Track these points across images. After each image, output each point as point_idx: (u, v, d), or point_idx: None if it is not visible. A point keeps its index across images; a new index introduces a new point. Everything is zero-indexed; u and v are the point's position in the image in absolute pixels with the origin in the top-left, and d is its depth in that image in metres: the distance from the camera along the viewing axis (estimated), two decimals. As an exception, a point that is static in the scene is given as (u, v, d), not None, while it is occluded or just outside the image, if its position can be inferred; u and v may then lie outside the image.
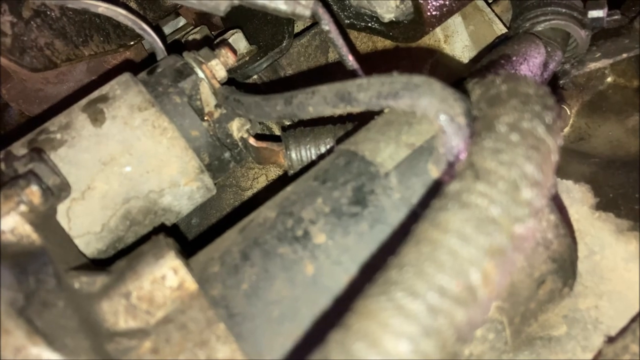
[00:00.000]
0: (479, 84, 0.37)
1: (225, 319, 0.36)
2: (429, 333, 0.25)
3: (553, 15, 0.63)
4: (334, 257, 0.37)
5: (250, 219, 0.42)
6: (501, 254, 0.27)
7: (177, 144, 0.52)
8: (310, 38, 0.74)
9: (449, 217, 0.27)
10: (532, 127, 0.31)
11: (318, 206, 0.39)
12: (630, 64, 0.64)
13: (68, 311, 0.36)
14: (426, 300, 0.25)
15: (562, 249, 0.40)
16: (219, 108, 0.56)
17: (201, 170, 0.54)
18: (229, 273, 0.38)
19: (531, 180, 0.29)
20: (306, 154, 0.58)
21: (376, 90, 0.39)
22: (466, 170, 0.30)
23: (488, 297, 0.26)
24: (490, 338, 0.39)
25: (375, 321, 0.25)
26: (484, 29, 0.76)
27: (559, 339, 0.49)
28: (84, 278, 0.39)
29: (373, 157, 0.40)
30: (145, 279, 0.38)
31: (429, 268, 0.26)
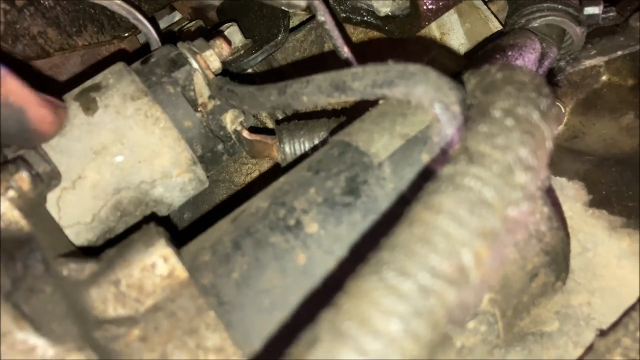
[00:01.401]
0: (474, 74, 0.37)
1: (215, 307, 0.36)
2: (420, 313, 0.24)
3: (549, 12, 0.63)
4: (326, 247, 0.37)
5: (242, 209, 0.42)
6: (494, 236, 0.26)
7: (170, 134, 0.52)
8: (305, 33, 0.74)
9: (442, 199, 0.27)
10: (527, 113, 0.31)
11: (311, 196, 0.39)
12: (625, 62, 0.64)
13: (56, 297, 0.35)
14: (417, 281, 0.25)
15: (555, 241, 0.40)
16: (212, 99, 0.56)
17: (194, 162, 0.53)
18: (220, 262, 0.38)
19: (525, 164, 0.28)
20: (300, 147, 0.58)
21: (371, 79, 0.39)
22: (460, 154, 0.30)
23: (480, 279, 0.26)
24: (482, 330, 0.39)
25: (366, 300, 0.25)
26: (480, 27, 0.76)
27: (550, 334, 0.49)
28: (72, 265, 0.38)
29: (367, 148, 0.40)
30: (135, 267, 0.37)
31: (421, 249, 0.26)
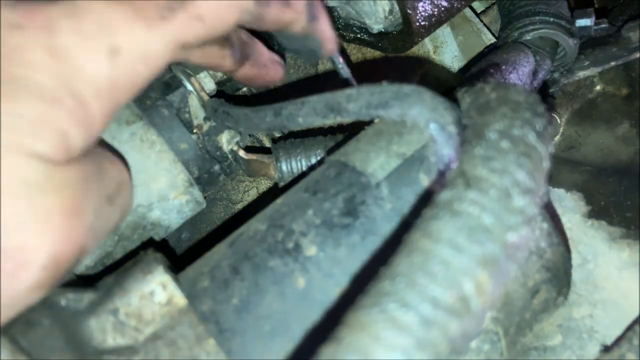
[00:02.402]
0: (468, 93, 0.37)
1: (215, 334, 0.36)
2: (423, 345, 0.24)
3: (541, 25, 0.63)
4: (325, 270, 0.37)
5: (240, 232, 0.42)
6: (494, 263, 0.26)
7: (166, 157, 0.51)
8: (299, 50, 0.74)
9: (441, 226, 0.27)
10: (522, 134, 0.30)
11: (309, 218, 0.39)
12: (619, 72, 0.64)
13: (54, 330, 0.35)
14: (419, 312, 0.25)
15: (556, 257, 0.40)
16: (208, 121, 0.56)
17: (190, 184, 0.53)
18: (219, 288, 0.37)
19: (523, 187, 0.28)
20: (297, 166, 0.58)
21: (366, 101, 0.39)
22: (457, 178, 0.29)
23: (482, 308, 0.25)
24: (486, 349, 0.38)
25: (367, 334, 0.24)
26: (473, 39, 0.76)
27: (554, 348, 0.49)
28: (70, 295, 0.38)
29: (364, 168, 0.40)
30: (134, 295, 0.37)
31: (421, 279, 0.25)
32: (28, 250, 0.29)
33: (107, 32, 0.31)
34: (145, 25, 0.32)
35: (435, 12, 0.60)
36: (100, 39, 0.31)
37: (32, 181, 0.29)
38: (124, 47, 0.32)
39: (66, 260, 0.32)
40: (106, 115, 0.32)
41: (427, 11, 0.59)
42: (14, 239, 0.29)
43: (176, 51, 0.34)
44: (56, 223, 0.30)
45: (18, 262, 0.29)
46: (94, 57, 0.31)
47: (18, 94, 0.29)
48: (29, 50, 0.29)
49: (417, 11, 0.58)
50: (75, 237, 0.32)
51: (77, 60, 0.30)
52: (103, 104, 0.32)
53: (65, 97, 0.30)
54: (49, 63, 0.30)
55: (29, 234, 0.29)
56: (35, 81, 0.29)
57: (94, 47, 0.31)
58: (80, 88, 0.30)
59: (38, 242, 0.30)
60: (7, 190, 0.29)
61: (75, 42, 0.30)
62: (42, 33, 0.30)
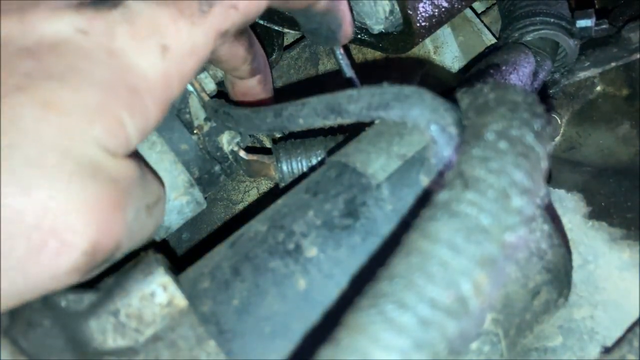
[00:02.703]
0: (467, 93, 0.37)
1: (215, 335, 0.36)
2: (421, 346, 0.24)
3: (542, 25, 0.63)
4: (325, 271, 0.37)
5: (240, 233, 0.42)
6: (492, 264, 0.26)
7: (166, 158, 0.51)
8: (300, 50, 0.74)
9: (439, 227, 0.27)
10: (520, 135, 0.30)
11: (309, 219, 0.39)
12: (619, 73, 0.64)
13: (54, 330, 0.35)
14: (417, 313, 0.25)
15: (557, 259, 0.40)
16: (208, 121, 0.56)
17: (191, 184, 0.53)
18: (220, 289, 0.38)
19: (521, 188, 0.28)
20: (297, 166, 0.58)
21: (366, 102, 0.39)
22: (455, 179, 0.29)
23: (480, 308, 0.26)
24: (486, 351, 0.38)
25: (365, 335, 0.25)
26: (474, 40, 0.76)
27: (554, 349, 0.49)
28: (71, 296, 0.38)
29: (364, 169, 0.40)
30: (134, 296, 0.37)
31: (419, 279, 0.25)
32: (74, 233, 0.31)
33: (157, 32, 0.35)
34: (189, 22, 0.36)
35: (436, 13, 0.60)
36: (151, 40, 0.34)
37: (88, 166, 0.31)
38: (173, 44, 0.35)
39: (103, 251, 0.33)
40: (159, 107, 0.36)
41: (428, 12, 0.59)
42: (63, 219, 0.30)
43: (217, 40, 0.38)
44: (103, 212, 0.32)
45: (63, 242, 0.31)
46: (147, 55, 0.34)
47: (80, 84, 0.32)
48: (91, 50, 0.33)
49: (418, 12, 0.58)
50: (115, 231, 0.33)
51: (132, 59, 0.34)
52: (156, 96, 0.35)
53: (122, 88, 0.33)
54: (108, 61, 0.33)
55: (78, 218, 0.31)
56: (95, 74, 0.32)
57: (146, 47, 0.34)
58: (135, 82, 0.34)
59: (84, 227, 0.31)
60: (64, 171, 0.30)
61: (131, 44, 0.34)
62: (103, 38, 0.33)
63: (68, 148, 0.31)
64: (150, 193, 0.40)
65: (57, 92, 0.31)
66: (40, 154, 0.30)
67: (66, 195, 0.30)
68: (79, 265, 0.32)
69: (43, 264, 0.31)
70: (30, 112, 0.30)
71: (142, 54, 0.34)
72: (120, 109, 0.33)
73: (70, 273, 0.32)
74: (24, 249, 0.30)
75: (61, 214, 0.30)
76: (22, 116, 0.30)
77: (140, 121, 0.34)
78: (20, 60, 0.31)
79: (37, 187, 0.30)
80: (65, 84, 0.31)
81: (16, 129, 0.30)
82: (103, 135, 0.32)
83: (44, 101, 0.30)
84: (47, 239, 0.30)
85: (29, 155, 0.30)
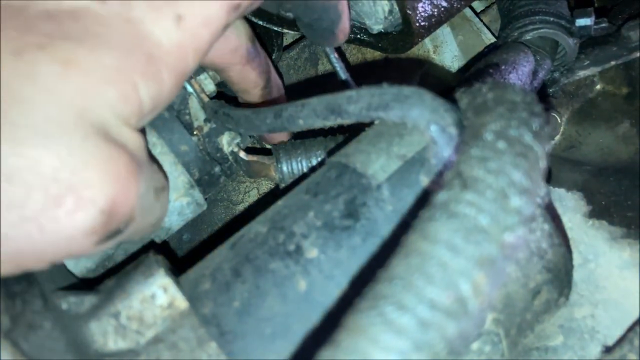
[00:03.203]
0: (466, 93, 0.37)
1: (216, 337, 0.36)
2: (420, 347, 0.24)
3: (541, 24, 0.63)
4: (326, 272, 0.37)
5: (241, 234, 0.42)
6: (491, 264, 0.26)
7: (166, 159, 0.51)
8: (299, 51, 0.74)
9: (438, 227, 0.27)
10: (519, 135, 0.30)
11: (310, 220, 0.39)
12: (619, 71, 0.64)
13: (55, 332, 0.35)
14: (416, 314, 0.25)
15: (557, 258, 0.40)
16: (208, 122, 0.56)
17: (191, 185, 0.53)
18: (220, 290, 0.38)
19: (519, 187, 0.28)
20: (297, 167, 0.58)
21: (366, 102, 0.39)
22: (454, 179, 0.29)
23: (479, 308, 0.26)
24: (487, 351, 0.38)
25: (365, 337, 0.25)
26: (473, 39, 0.76)
27: (555, 349, 0.49)
28: (71, 298, 0.38)
29: (364, 169, 0.40)
30: (135, 298, 0.37)
31: (418, 280, 0.25)
32: (92, 189, 0.31)
33: (171, 2, 0.36)
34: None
35: (435, 13, 0.60)
36: (167, 9, 0.35)
37: (102, 129, 0.32)
38: (187, 14, 0.36)
39: (119, 216, 0.33)
40: (174, 79, 0.36)
41: (427, 11, 0.59)
42: (82, 175, 0.31)
43: (230, 14, 0.39)
44: (119, 174, 0.32)
45: (81, 197, 0.31)
46: (162, 24, 0.35)
47: (98, 47, 0.33)
48: (108, 17, 0.34)
49: (417, 11, 0.58)
50: (131, 196, 0.33)
51: (148, 27, 0.35)
52: (171, 65, 0.36)
53: (138, 54, 0.34)
54: (124, 28, 0.34)
55: (95, 175, 0.31)
56: (112, 39, 0.33)
57: (161, 15, 0.35)
58: (150, 49, 0.35)
59: (102, 184, 0.31)
60: (82, 129, 0.31)
61: (146, 13, 0.35)
62: (120, 6, 0.34)
63: (85, 107, 0.31)
64: (157, 178, 0.40)
65: (76, 52, 0.32)
66: (58, 111, 0.30)
67: (84, 153, 0.31)
68: (95, 225, 0.32)
69: (60, 219, 0.30)
70: (50, 69, 0.31)
71: (158, 22, 0.35)
72: (135, 73, 0.34)
73: (86, 234, 0.32)
74: (41, 200, 0.30)
75: (79, 170, 0.30)
76: (41, 73, 0.30)
77: (153, 89, 0.35)
78: (41, 21, 0.32)
79: (55, 141, 0.30)
80: (84, 45, 0.32)
81: (35, 84, 0.30)
82: (116, 98, 0.33)
83: (63, 59, 0.31)
84: (65, 193, 0.30)
85: (47, 110, 0.30)
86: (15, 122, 0.29)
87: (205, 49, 0.38)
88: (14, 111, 0.29)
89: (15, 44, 0.31)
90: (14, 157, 0.29)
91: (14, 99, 0.30)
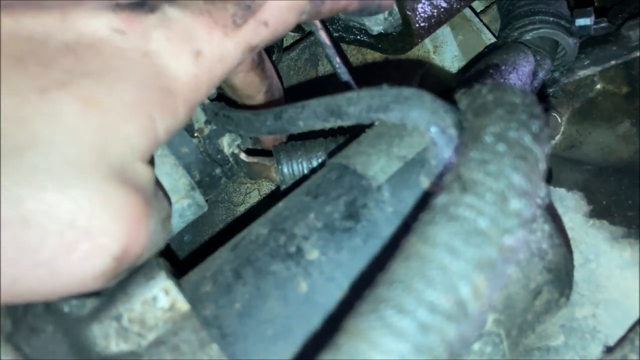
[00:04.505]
0: (465, 94, 0.37)
1: (218, 339, 0.36)
2: (420, 351, 0.24)
3: (541, 24, 0.63)
4: (327, 274, 0.37)
5: (242, 236, 0.42)
6: (491, 267, 0.26)
7: (167, 161, 0.52)
8: (299, 52, 0.74)
9: (437, 230, 0.27)
10: (518, 137, 0.30)
11: (310, 221, 0.39)
12: (619, 71, 0.64)
13: (57, 336, 0.35)
14: (416, 317, 0.25)
15: (558, 259, 0.40)
16: (208, 124, 0.56)
17: (192, 187, 0.53)
18: (222, 292, 0.38)
19: (519, 190, 0.28)
20: (298, 168, 0.58)
21: (366, 104, 0.39)
22: (453, 182, 0.29)
23: (479, 311, 0.26)
24: (488, 351, 0.38)
25: (365, 340, 0.25)
26: (473, 39, 0.76)
27: (557, 349, 0.49)
28: (73, 301, 0.38)
29: (365, 171, 0.40)
30: (136, 301, 0.37)
31: (418, 284, 0.25)
32: (107, 236, 0.31)
33: (191, 38, 0.36)
34: (222, 32, 0.37)
35: (435, 13, 0.60)
36: (185, 45, 0.36)
37: (120, 169, 0.32)
38: (205, 50, 0.36)
39: (130, 258, 0.33)
40: (187, 109, 0.37)
41: (427, 12, 0.59)
42: (98, 221, 0.31)
43: (245, 53, 0.39)
44: (134, 218, 0.32)
45: (95, 244, 0.31)
46: (180, 59, 0.35)
47: (117, 82, 0.33)
48: (127, 50, 0.34)
49: (417, 12, 0.58)
50: (143, 239, 0.33)
51: (165, 61, 0.35)
52: (186, 98, 0.36)
53: (155, 88, 0.34)
54: (142, 61, 0.34)
55: (111, 221, 0.31)
56: (131, 73, 0.33)
57: (180, 50, 0.35)
58: (168, 83, 0.35)
59: (117, 231, 0.31)
60: (99, 172, 0.31)
61: (165, 47, 0.35)
62: (139, 39, 0.34)
63: (104, 147, 0.31)
64: (163, 207, 0.40)
65: (96, 89, 0.32)
66: (77, 153, 0.30)
67: (101, 197, 0.31)
68: (107, 269, 0.32)
69: (73, 265, 0.30)
70: (71, 108, 0.30)
71: (176, 57, 0.35)
72: (153, 108, 0.34)
73: (97, 277, 0.32)
74: (55, 245, 0.30)
75: (95, 216, 0.30)
76: (62, 112, 0.30)
77: (169, 121, 0.35)
78: (61, 56, 0.32)
79: (73, 185, 0.30)
80: (103, 81, 0.32)
81: (57, 124, 0.30)
82: (135, 135, 0.33)
83: (84, 98, 0.31)
84: (79, 239, 0.30)
85: (67, 152, 0.30)
86: (35, 165, 0.29)
87: (218, 82, 0.39)
88: (34, 153, 0.29)
89: (40, 81, 0.30)
90: (31, 201, 0.29)
91: (36, 140, 0.29)
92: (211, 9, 0.37)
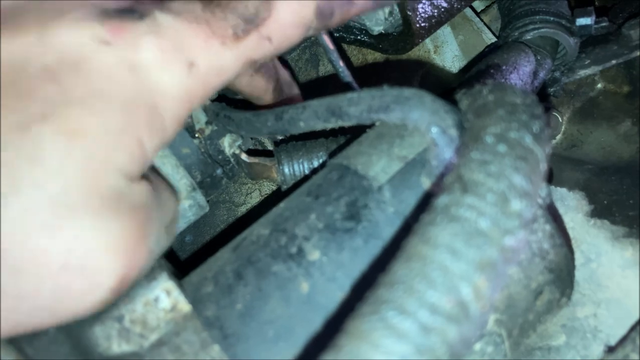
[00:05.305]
0: (466, 95, 0.37)
1: (219, 340, 0.36)
2: (422, 351, 0.24)
3: (542, 24, 0.63)
4: (328, 274, 0.37)
5: (243, 236, 0.42)
6: (492, 268, 0.26)
7: (168, 162, 0.51)
8: (300, 52, 0.74)
9: (438, 231, 0.27)
10: (519, 137, 0.31)
11: (311, 222, 0.39)
12: (620, 70, 0.64)
13: (59, 337, 0.35)
14: (417, 319, 0.25)
15: (559, 259, 0.40)
16: (209, 125, 0.56)
17: (193, 188, 0.53)
18: (223, 293, 0.38)
19: (520, 191, 0.28)
20: (299, 169, 0.58)
21: (367, 104, 0.39)
22: (454, 183, 0.29)
23: (481, 312, 0.26)
24: (489, 351, 0.38)
25: (367, 341, 0.25)
26: (473, 39, 0.76)
27: (558, 348, 0.49)
28: (75, 302, 0.38)
29: (366, 171, 0.40)
30: (138, 302, 0.37)
31: (419, 285, 0.26)
32: (102, 272, 0.30)
33: (184, 47, 0.33)
34: (220, 43, 0.35)
35: (435, 13, 0.60)
36: (178, 54, 0.33)
37: (111, 199, 0.30)
38: (200, 61, 0.34)
39: (128, 283, 0.33)
40: (177, 125, 0.35)
41: (427, 12, 0.59)
42: (90, 259, 0.30)
43: (245, 66, 0.37)
44: (129, 246, 0.31)
45: (91, 282, 0.30)
46: (172, 70, 0.33)
47: (102, 108, 0.30)
48: (113, 65, 0.31)
49: (417, 12, 0.59)
50: (140, 262, 0.33)
51: (155, 74, 0.32)
52: (175, 113, 0.34)
53: (143, 108, 0.32)
54: (129, 78, 0.32)
55: (105, 256, 0.30)
56: (117, 95, 0.31)
57: (172, 61, 0.33)
58: (156, 100, 0.32)
59: (112, 264, 0.31)
60: (88, 208, 0.30)
61: (155, 57, 0.32)
62: (127, 50, 0.32)
63: (92, 182, 0.30)
64: (167, 213, 0.39)
65: (80, 119, 0.30)
66: (65, 192, 0.29)
67: (92, 234, 0.30)
68: (105, 301, 0.32)
69: (70, 304, 0.31)
70: (54, 145, 0.29)
71: (167, 68, 0.33)
72: (141, 130, 0.32)
73: (98, 306, 0.32)
74: (51, 290, 0.29)
75: (88, 253, 0.30)
76: (45, 150, 0.28)
77: (158, 140, 0.33)
78: (41, 83, 0.30)
79: (63, 227, 0.29)
80: (87, 109, 0.30)
81: (40, 165, 0.28)
82: (125, 161, 0.31)
83: (67, 130, 0.29)
84: (74, 279, 0.30)
85: (53, 194, 0.28)
86: (20, 211, 0.28)
87: (212, 93, 0.36)
88: (19, 199, 0.28)
89: (19, 117, 0.28)
90: (20, 250, 0.28)
91: (20, 184, 0.28)
92: (210, 18, 0.35)
